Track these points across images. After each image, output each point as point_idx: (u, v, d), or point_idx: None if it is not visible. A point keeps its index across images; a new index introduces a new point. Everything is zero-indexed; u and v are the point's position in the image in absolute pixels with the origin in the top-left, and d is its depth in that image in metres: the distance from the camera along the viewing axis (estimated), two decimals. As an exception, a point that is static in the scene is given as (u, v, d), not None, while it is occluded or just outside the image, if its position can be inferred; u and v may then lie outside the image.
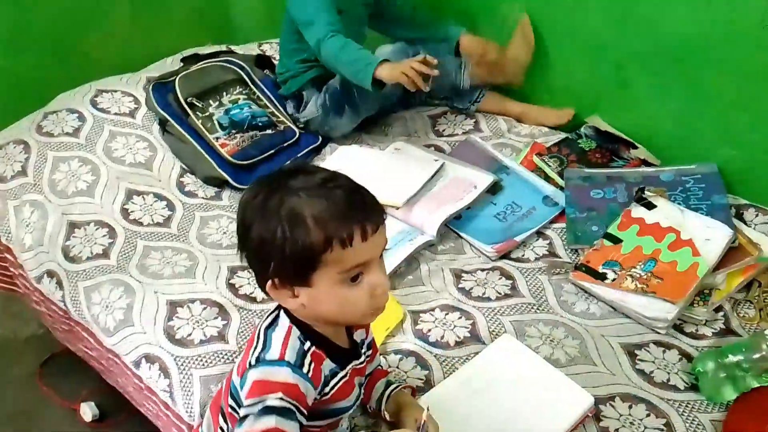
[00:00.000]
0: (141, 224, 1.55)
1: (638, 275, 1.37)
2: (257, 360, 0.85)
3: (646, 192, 1.52)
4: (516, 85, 1.87)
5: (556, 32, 1.75)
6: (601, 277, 1.39)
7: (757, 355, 1.18)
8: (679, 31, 1.53)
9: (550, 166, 1.68)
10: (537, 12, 1.74)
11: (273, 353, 0.85)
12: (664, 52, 1.58)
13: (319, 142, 1.82)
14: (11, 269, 1.61)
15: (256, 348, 0.87)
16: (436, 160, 1.67)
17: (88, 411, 1.64)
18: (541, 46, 1.79)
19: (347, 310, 0.86)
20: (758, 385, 1.15)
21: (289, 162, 1.74)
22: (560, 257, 1.49)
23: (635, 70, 1.66)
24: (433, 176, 1.63)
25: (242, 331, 1.31)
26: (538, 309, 1.37)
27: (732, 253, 1.39)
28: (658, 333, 1.31)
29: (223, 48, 2.07)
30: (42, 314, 1.58)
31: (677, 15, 1.51)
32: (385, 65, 1.54)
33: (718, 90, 1.54)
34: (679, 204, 1.51)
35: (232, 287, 1.40)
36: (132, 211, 1.58)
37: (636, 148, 1.71)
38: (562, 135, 1.79)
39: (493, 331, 1.31)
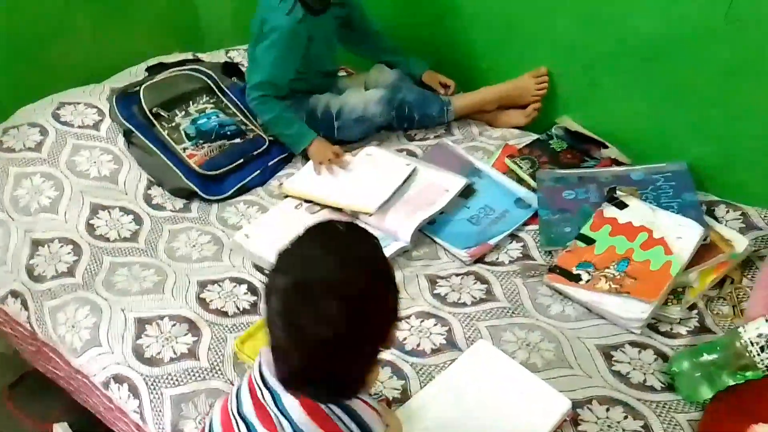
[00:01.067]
0: (107, 240, 1.51)
1: (612, 275, 1.37)
2: None
3: (617, 192, 1.52)
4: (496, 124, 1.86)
5: (525, 33, 1.74)
6: (576, 278, 1.39)
7: (731, 353, 1.18)
8: (646, 29, 1.53)
9: (522, 168, 1.68)
10: (504, 16, 1.73)
11: None
12: (632, 51, 1.58)
13: (289, 153, 1.79)
14: (-25, 290, 1.56)
15: None
16: (408, 165, 1.66)
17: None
18: (510, 49, 1.79)
19: None
20: (734, 383, 1.15)
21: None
22: (535, 259, 1.48)
23: (604, 70, 1.66)
24: (405, 181, 1.61)
25: (213, 347, 1.28)
26: (513, 313, 1.36)
27: (704, 250, 1.39)
28: (634, 333, 1.31)
29: (189, 56, 2.03)
30: (8, 335, 1.53)
31: (643, 14, 1.52)
32: (315, 143, 1.71)
33: (688, 87, 1.55)
34: (650, 203, 1.51)
35: (202, 302, 1.37)
36: (98, 227, 1.54)
37: (607, 147, 1.71)
38: (534, 136, 1.78)
39: (469, 337, 1.30)
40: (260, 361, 0.89)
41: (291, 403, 0.84)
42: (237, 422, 0.89)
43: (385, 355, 1.25)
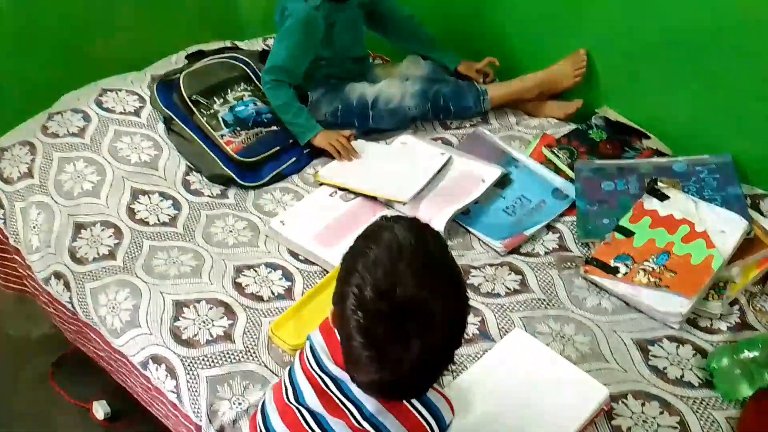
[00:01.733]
0: (147, 224, 1.54)
1: (651, 269, 1.34)
2: None
3: (658, 183, 1.49)
4: (544, 98, 1.82)
5: (565, 20, 1.71)
6: (613, 271, 1.36)
7: (773, 351, 1.15)
8: (691, 19, 1.49)
9: (560, 158, 1.65)
10: (543, 5, 1.70)
11: None
12: (676, 41, 1.54)
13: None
14: (20, 270, 1.61)
15: None
16: (442, 154, 1.65)
17: (100, 410, 1.65)
18: (550, 39, 1.76)
19: None
20: (775, 382, 1.12)
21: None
22: (571, 251, 1.46)
23: (646, 60, 1.62)
24: (439, 171, 1.60)
25: (248, 331, 1.30)
26: (548, 305, 1.34)
27: (748, 245, 1.36)
28: (672, 328, 1.29)
29: (228, 44, 2.05)
30: (51, 315, 1.58)
31: (688, 4, 1.47)
32: (320, 134, 1.71)
33: (732, 79, 1.50)
34: (692, 195, 1.47)
35: (238, 286, 1.39)
36: (138, 211, 1.57)
37: (648, 138, 1.67)
38: (572, 126, 1.75)
39: (503, 327, 1.29)
40: (312, 348, 0.88)
41: (362, 392, 0.82)
42: (302, 413, 0.87)
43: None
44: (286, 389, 0.91)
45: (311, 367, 0.88)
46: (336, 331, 0.81)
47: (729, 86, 1.52)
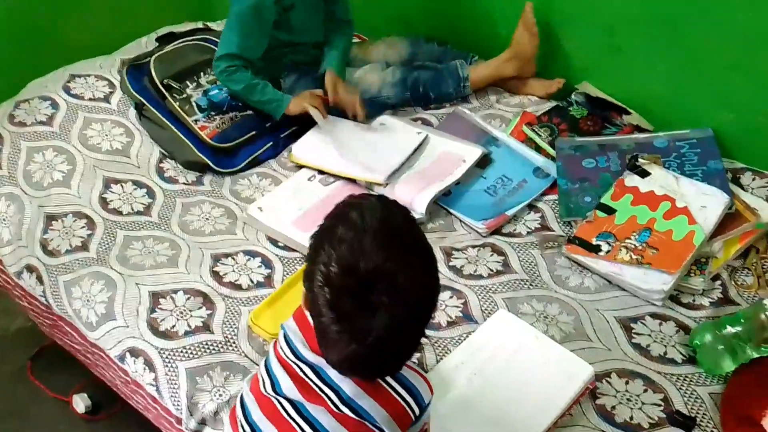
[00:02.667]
0: (120, 213, 1.50)
1: (633, 246, 1.34)
2: None
3: (639, 159, 1.48)
4: (528, 74, 1.78)
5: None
6: (595, 249, 1.36)
7: (755, 325, 1.15)
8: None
9: (540, 136, 1.63)
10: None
11: None
12: (657, 14, 1.52)
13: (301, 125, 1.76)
14: (-8, 264, 1.57)
15: None
16: (419, 133, 1.62)
17: (80, 403, 1.62)
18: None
19: None
20: (758, 356, 1.12)
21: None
22: (553, 230, 1.45)
23: (625, 34, 1.60)
24: (416, 150, 1.58)
25: (227, 321, 1.28)
26: (531, 285, 1.33)
27: (729, 219, 1.36)
28: (654, 305, 1.28)
29: (200, 25, 1.99)
30: (26, 309, 1.54)
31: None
32: (292, 102, 1.65)
33: (713, 52, 1.49)
34: (673, 171, 1.46)
35: (216, 275, 1.37)
36: (111, 201, 1.53)
37: (629, 113, 1.66)
38: (553, 103, 1.73)
39: (486, 309, 1.28)
40: (286, 337, 0.87)
41: (339, 375, 0.82)
42: (281, 403, 0.86)
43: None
44: (263, 381, 0.89)
45: (286, 356, 0.87)
46: (307, 312, 0.81)
47: (709, 59, 1.50)
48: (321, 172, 1.59)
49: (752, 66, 1.46)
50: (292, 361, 0.86)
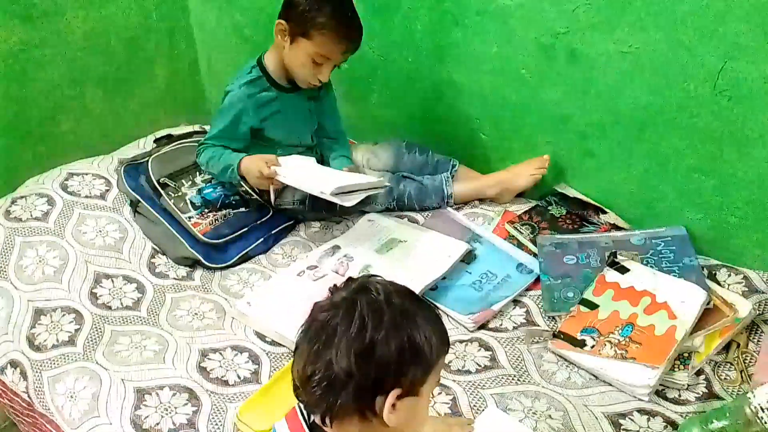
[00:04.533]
0: (109, 308, 1.51)
1: (617, 341, 1.36)
2: None
3: (618, 256, 1.53)
4: (505, 201, 1.84)
5: (521, 105, 1.79)
6: (580, 344, 1.38)
7: (742, 420, 1.16)
8: (637, 100, 1.58)
9: (522, 233, 1.69)
10: (501, 87, 1.79)
11: None
12: (625, 120, 1.62)
13: (293, 221, 1.81)
14: (-27, 360, 1.54)
15: None
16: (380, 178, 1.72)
17: None
18: (507, 119, 1.83)
19: None
20: (745, 451, 1.12)
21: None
22: (538, 325, 1.47)
23: (598, 139, 1.69)
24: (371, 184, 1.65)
25: (213, 418, 1.26)
26: (519, 380, 1.34)
27: (708, 314, 1.39)
28: (641, 400, 1.29)
29: (197, 128, 2.09)
30: (5, 407, 1.50)
31: (634, 85, 1.56)
32: (243, 161, 1.67)
33: (678, 155, 1.57)
34: (651, 267, 1.51)
35: (203, 371, 1.36)
36: (100, 295, 1.54)
37: (605, 213, 1.73)
38: (533, 203, 1.81)
39: (475, 405, 1.28)
40: None
41: None
42: None
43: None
44: None
45: None
46: None
47: (677, 162, 1.59)
48: (310, 267, 1.62)
49: (716, 169, 1.54)
50: None
